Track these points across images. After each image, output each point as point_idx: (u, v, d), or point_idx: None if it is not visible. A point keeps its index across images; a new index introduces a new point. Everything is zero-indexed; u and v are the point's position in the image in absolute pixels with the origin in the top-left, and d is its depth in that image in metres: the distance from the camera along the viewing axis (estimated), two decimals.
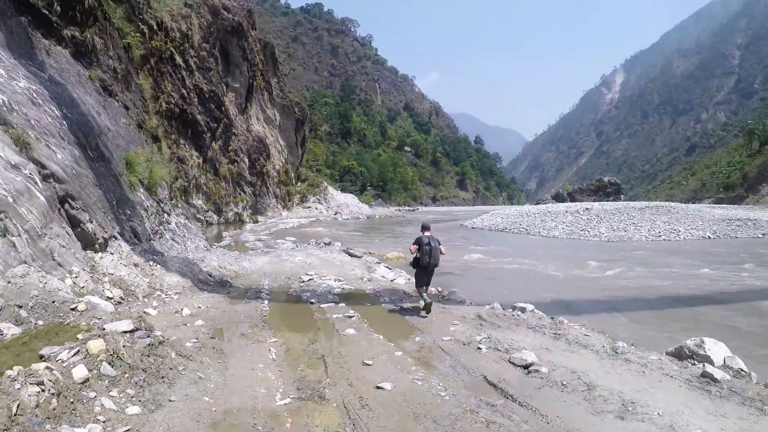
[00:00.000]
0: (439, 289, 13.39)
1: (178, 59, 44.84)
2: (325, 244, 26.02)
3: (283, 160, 69.26)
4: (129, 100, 18.45)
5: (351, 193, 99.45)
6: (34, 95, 11.53)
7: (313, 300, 11.56)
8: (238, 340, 8.32)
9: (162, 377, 6.07)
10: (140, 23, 40.13)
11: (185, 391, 5.89)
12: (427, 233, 11.03)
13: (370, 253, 24.78)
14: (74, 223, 10.86)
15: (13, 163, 9.61)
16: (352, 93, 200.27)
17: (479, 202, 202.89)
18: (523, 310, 10.72)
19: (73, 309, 8.21)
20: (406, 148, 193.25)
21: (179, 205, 20.60)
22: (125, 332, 6.75)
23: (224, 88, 53.03)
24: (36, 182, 9.86)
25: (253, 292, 12.47)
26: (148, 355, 6.31)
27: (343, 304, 11.18)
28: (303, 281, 14.24)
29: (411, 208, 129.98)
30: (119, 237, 12.15)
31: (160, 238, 14.68)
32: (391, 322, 10.04)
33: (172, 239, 15.58)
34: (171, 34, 43.76)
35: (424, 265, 10.86)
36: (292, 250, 22.60)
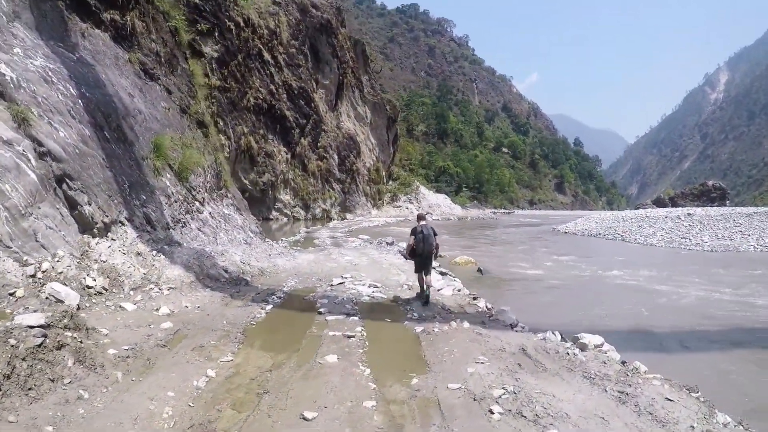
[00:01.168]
0: (488, 306, 10.69)
1: (267, 56, 44.77)
2: (387, 243, 24.12)
3: (374, 158, 68.32)
4: (173, 84, 17.57)
5: (446, 194, 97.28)
6: (49, 73, 10.77)
7: (322, 310, 9.58)
8: (187, 353, 6.81)
9: (29, 389, 4.84)
10: (226, 20, 40.53)
11: (38, 413, 4.62)
12: (422, 222, 11.49)
13: (440, 256, 23.09)
14: (72, 205, 9.94)
15: (5, 138, 9.05)
16: (449, 93, 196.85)
17: (578, 206, 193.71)
18: (584, 347, 7.62)
19: (11, 294, 7.39)
20: (503, 149, 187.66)
21: (228, 195, 19.69)
22: (30, 327, 5.50)
23: (314, 84, 52.65)
24: (29, 159, 9.24)
25: (264, 294, 10.78)
26: (26, 358, 5.08)
27: (356, 318, 9.07)
28: (332, 285, 12.29)
29: (507, 211, 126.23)
30: (127, 222, 10.93)
31: (182, 227, 13.28)
32: (397, 349, 7.76)
33: (200, 229, 14.22)
34: (258, 31, 43.73)
35: (419, 252, 11.15)
36: (349, 249, 21.25)
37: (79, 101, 11.37)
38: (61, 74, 11.34)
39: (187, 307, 9.32)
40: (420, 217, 11.95)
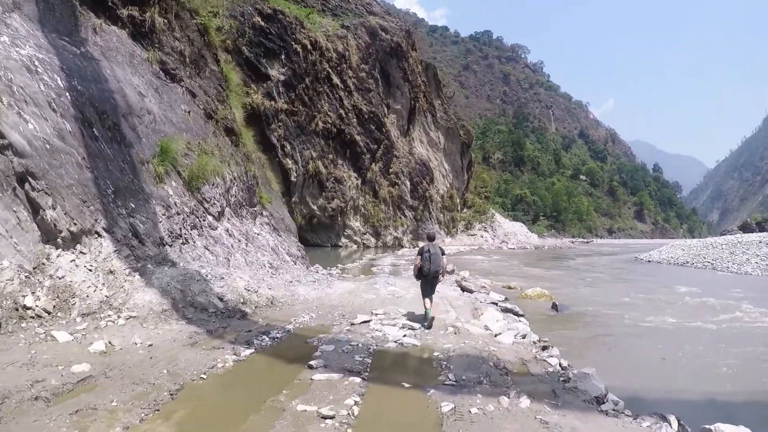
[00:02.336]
0: (564, 364, 7.29)
1: (335, 79, 43.14)
2: (447, 272, 21.31)
3: (448, 185, 65.52)
4: (198, 87, 15.53)
5: (523, 222, 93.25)
6: (35, 63, 8.91)
7: (315, 363, 6.63)
8: (63, 416, 4.67)
9: None
10: (293, 42, 39.20)
11: None
12: (432, 242, 10.95)
13: (509, 287, 19.70)
14: (36, 209, 8.03)
15: None
16: (525, 120, 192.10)
17: (658, 234, 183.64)
18: None
19: None
20: (581, 176, 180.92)
21: (264, 213, 17.38)
22: None
23: (385, 109, 50.65)
24: None
25: (256, 333, 8.29)
26: None
27: (359, 379, 6.10)
28: (354, 323, 9.61)
29: (585, 240, 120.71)
30: (104, 234, 8.55)
31: (184, 244, 10.86)
32: None
33: (207, 248, 11.69)
34: (327, 54, 42.22)
35: (425, 273, 10.57)
36: (402, 278, 18.41)
37: (67, 94, 9.40)
38: (51, 65, 9.45)
39: (135, 343, 7.09)
40: (429, 237, 11.44)
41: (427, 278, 10.63)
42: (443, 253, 10.82)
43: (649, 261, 42.76)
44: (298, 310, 10.76)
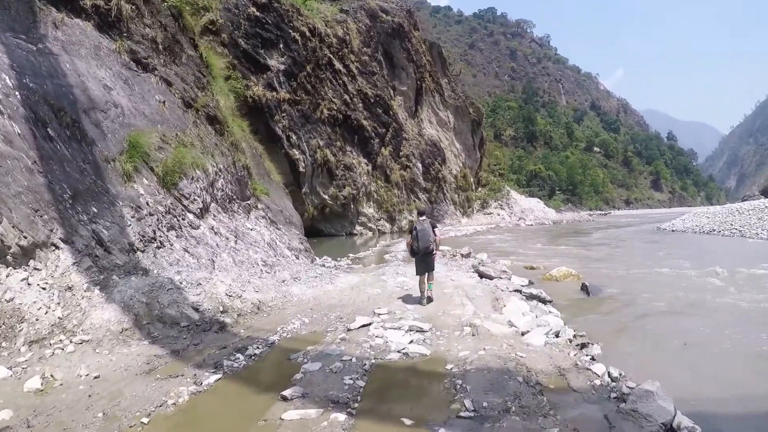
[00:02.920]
0: (612, 374, 5.69)
1: (338, 65, 41.85)
2: (462, 255, 19.51)
3: (461, 164, 63.95)
4: (174, 75, 14.42)
5: (539, 198, 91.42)
6: None
7: (290, 393, 5.19)
8: None
9: None
10: (290, 30, 38.12)
11: None
12: (421, 218, 10.68)
13: (531, 267, 18.15)
14: None
15: None
16: (534, 95, 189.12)
17: (675, 203, 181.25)
18: None
19: None
20: (595, 148, 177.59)
21: (259, 206, 15.97)
22: None
23: (391, 91, 49.33)
24: None
25: (231, 350, 7.01)
26: None
27: (342, 417, 4.67)
28: (350, 329, 8.15)
29: (603, 212, 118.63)
30: (62, 245, 7.60)
31: (159, 248, 9.67)
32: None
33: (186, 250, 10.41)
34: (327, 40, 40.92)
35: (415, 251, 10.45)
36: (408, 266, 16.49)
37: (16, 93, 8.39)
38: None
39: (80, 375, 5.93)
40: (420, 212, 11.18)
41: (419, 255, 10.42)
42: (434, 228, 10.60)
43: (673, 230, 41.29)
44: (289, 314, 9.49)
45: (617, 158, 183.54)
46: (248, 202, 15.54)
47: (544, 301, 10.90)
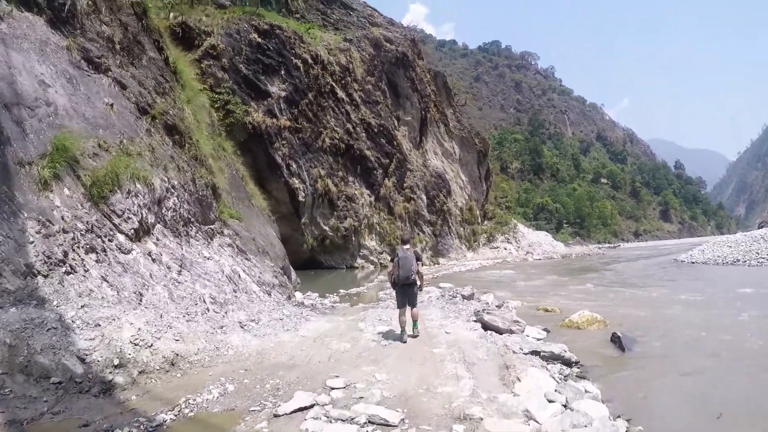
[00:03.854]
0: None
1: (340, 93, 40.98)
2: (464, 297, 17.03)
3: (466, 197, 62.62)
4: (130, 77, 13.23)
5: (546, 231, 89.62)
6: None
7: None
8: None
9: None
10: (292, 57, 37.29)
11: None
12: (405, 246, 10.23)
13: (545, 310, 16.22)
14: None
15: None
16: (540, 127, 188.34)
17: (685, 233, 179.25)
18: None
19: None
20: (602, 180, 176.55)
21: (225, 232, 14.18)
22: None
23: (395, 121, 48.31)
24: None
25: None
26: None
27: None
28: (276, 416, 6.04)
29: (612, 245, 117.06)
30: None
31: (69, 273, 7.99)
32: None
33: (105, 278, 8.65)
34: (329, 68, 40.06)
35: (395, 280, 10.02)
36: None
37: None
38: None
39: None
40: (403, 240, 10.83)
41: (399, 286, 9.99)
42: (418, 258, 10.15)
43: (693, 262, 39.85)
44: (211, 376, 7.50)
45: (625, 189, 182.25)
46: (211, 226, 14.09)
47: (569, 364, 9.11)
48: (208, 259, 12.46)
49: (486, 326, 11.53)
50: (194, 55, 32.88)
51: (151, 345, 7.56)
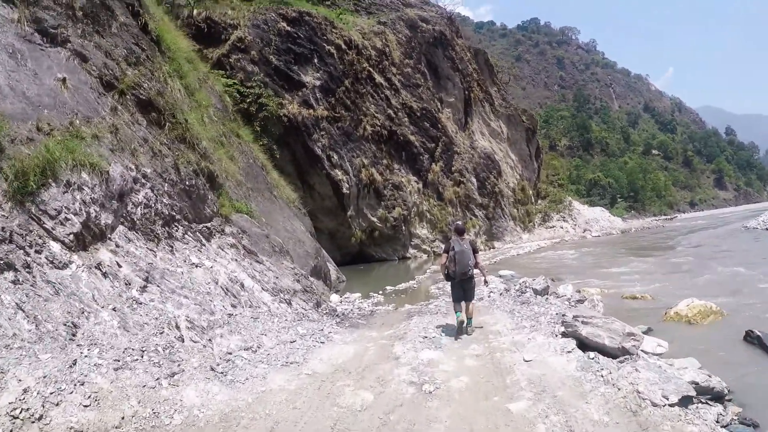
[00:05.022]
0: None
1: (378, 78, 38.23)
2: (535, 291, 13.23)
3: (518, 177, 58.96)
4: (94, 47, 10.75)
5: (601, 207, 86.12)
6: None
7: None
8: None
9: None
10: (324, 43, 34.93)
11: None
12: (460, 238, 9.24)
13: (633, 296, 13.15)
14: None
15: None
16: (586, 102, 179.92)
17: (742, 200, 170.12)
18: None
19: None
20: (653, 151, 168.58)
21: (227, 230, 11.35)
22: None
23: (438, 104, 45.36)
24: None
25: None
26: None
27: None
28: None
29: (669, 217, 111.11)
30: None
31: None
32: None
33: (20, 306, 5.91)
34: (365, 53, 37.29)
35: (451, 275, 9.16)
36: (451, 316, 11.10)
37: None
38: None
39: None
40: (457, 230, 9.64)
41: (456, 281, 9.22)
42: (475, 251, 9.44)
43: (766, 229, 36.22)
44: None
45: (677, 159, 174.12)
46: (207, 224, 11.36)
47: (720, 398, 6.11)
48: (195, 266, 9.66)
49: (584, 344, 7.94)
50: (222, 50, 30.92)
51: (41, 417, 4.83)
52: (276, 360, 8.02)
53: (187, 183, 11.20)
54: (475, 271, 9.71)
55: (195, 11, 30.86)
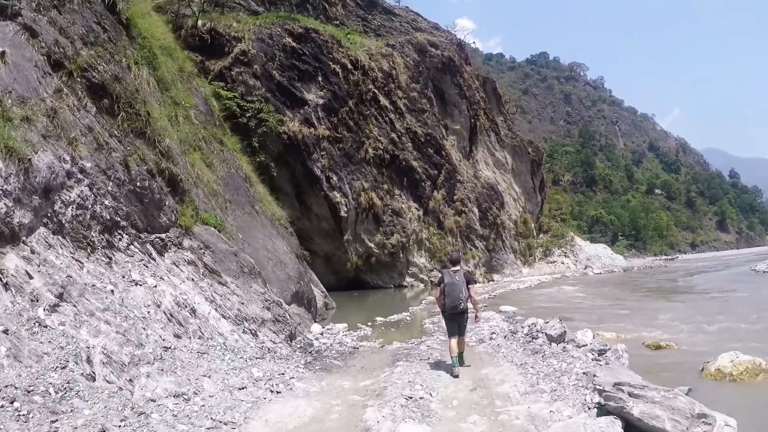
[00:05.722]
0: None
1: (383, 100, 37.19)
2: (551, 338, 11.03)
3: (520, 209, 57.69)
4: (47, 22, 9.36)
5: (602, 244, 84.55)
6: None
7: None
8: None
9: None
10: (330, 62, 33.89)
11: None
12: (453, 269, 8.70)
13: (657, 345, 11.70)
14: None
15: None
16: (591, 139, 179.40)
17: (743, 244, 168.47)
18: None
19: None
20: (656, 190, 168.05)
21: (185, 243, 9.69)
22: None
23: (443, 130, 44.25)
24: None
25: None
26: None
27: None
28: None
29: (670, 258, 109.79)
30: None
31: None
32: None
33: None
34: (371, 74, 36.37)
35: (442, 309, 8.65)
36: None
37: None
38: None
39: None
40: (452, 260, 9.06)
41: (448, 314, 8.62)
42: (469, 282, 8.67)
43: None
44: None
45: (680, 200, 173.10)
46: (162, 235, 9.78)
47: None
48: (135, 284, 8.05)
49: (631, 424, 5.84)
50: (224, 63, 29.91)
51: None
52: (207, 416, 6.17)
53: (138, 184, 9.56)
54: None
55: (200, 22, 29.89)
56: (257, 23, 32.18)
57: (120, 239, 8.64)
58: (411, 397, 7.26)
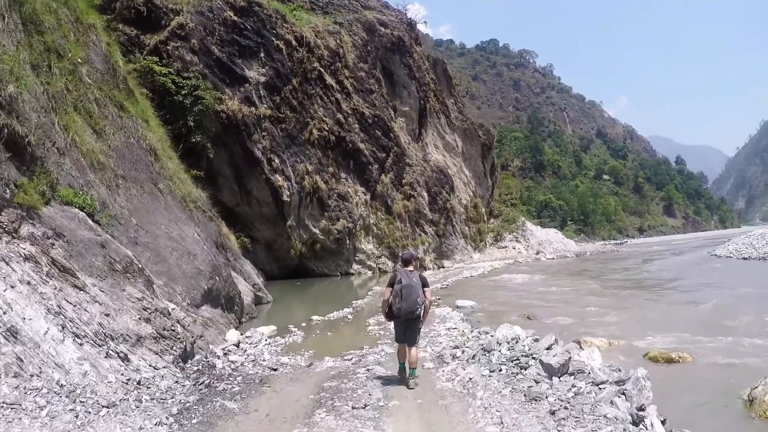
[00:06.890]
0: None
1: (329, 80, 36.00)
2: (547, 369, 7.71)
3: (471, 194, 57.48)
4: None
5: (552, 228, 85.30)
6: None
7: None
8: None
9: None
10: (273, 38, 32.45)
11: None
12: (408, 269, 7.79)
13: (668, 359, 9.64)
14: None
15: None
16: (540, 125, 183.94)
17: (690, 228, 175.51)
18: None
19: None
20: (604, 176, 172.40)
21: (22, 230, 7.09)
22: None
23: (391, 112, 43.35)
24: None
25: None
26: None
27: None
28: None
29: (619, 242, 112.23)
30: None
31: None
32: None
33: None
34: (317, 52, 35.13)
35: (395, 314, 7.58)
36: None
37: None
38: None
39: None
40: (405, 260, 7.97)
41: (401, 319, 7.67)
42: (425, 285, 7.77)
43: (745, 258, 35.67)
44: None
45: (627, 185, 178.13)
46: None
47: None
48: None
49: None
50: (160, 36, 28.17)
51: None
52: None
53: None
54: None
55: None
56: None
57: None
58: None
